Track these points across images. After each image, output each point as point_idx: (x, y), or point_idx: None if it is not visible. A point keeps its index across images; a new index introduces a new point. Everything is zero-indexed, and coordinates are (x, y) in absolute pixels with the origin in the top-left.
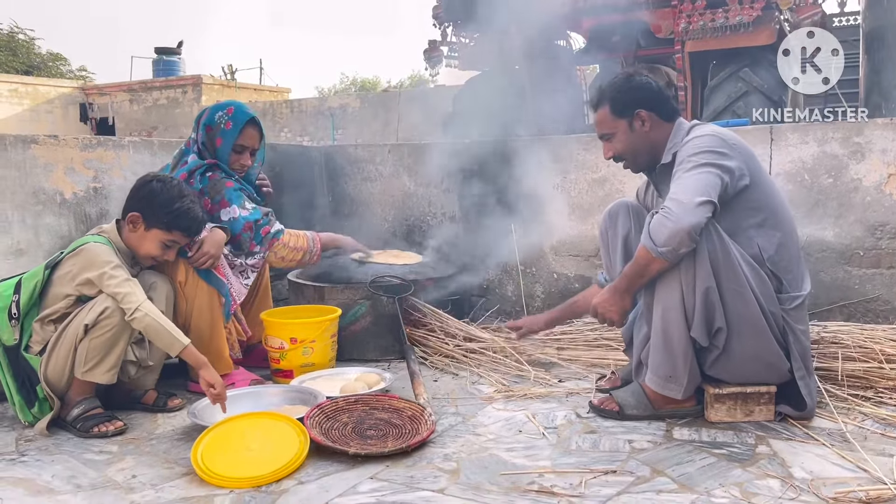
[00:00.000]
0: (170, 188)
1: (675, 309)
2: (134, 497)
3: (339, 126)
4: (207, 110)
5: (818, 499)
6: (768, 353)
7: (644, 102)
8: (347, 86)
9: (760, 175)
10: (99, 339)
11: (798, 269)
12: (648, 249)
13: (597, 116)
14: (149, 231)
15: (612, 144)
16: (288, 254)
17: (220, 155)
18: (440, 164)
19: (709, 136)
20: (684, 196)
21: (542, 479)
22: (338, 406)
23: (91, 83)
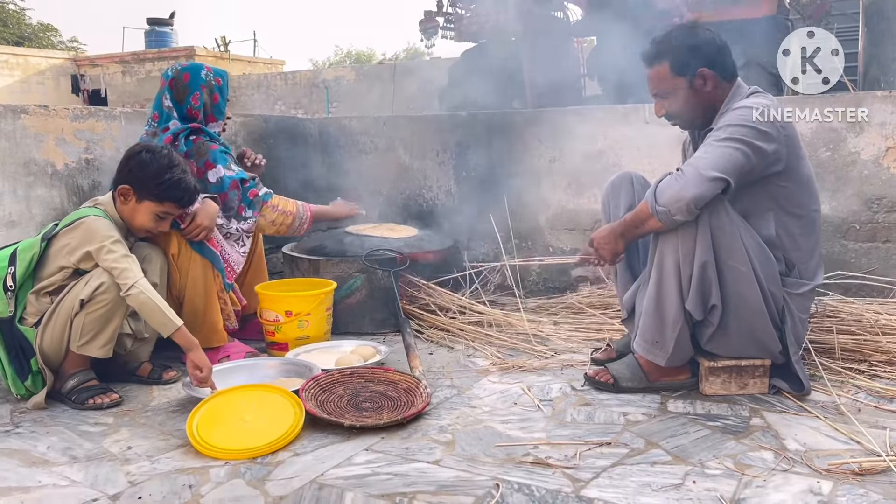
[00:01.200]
0: (159, 158)
1: (670, 276)
2: (130, 468)
3: (334, 99)
4: (185, 73)
5: (811, 470)
6: (763, 334)
7: (708, 60)
8: (342, 58)
9: (798, 163)
10: (95, 314)
11: (813, 259)
12: (648, 204)
13: (652, 72)
14: (140, 203)
15: (666, 102)
16: (278, 217)
17: (219, 110)
18: (436, 136)
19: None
20: (702, 166)
21: (537, 451)
22: (333, 378)
23: (83, 54)
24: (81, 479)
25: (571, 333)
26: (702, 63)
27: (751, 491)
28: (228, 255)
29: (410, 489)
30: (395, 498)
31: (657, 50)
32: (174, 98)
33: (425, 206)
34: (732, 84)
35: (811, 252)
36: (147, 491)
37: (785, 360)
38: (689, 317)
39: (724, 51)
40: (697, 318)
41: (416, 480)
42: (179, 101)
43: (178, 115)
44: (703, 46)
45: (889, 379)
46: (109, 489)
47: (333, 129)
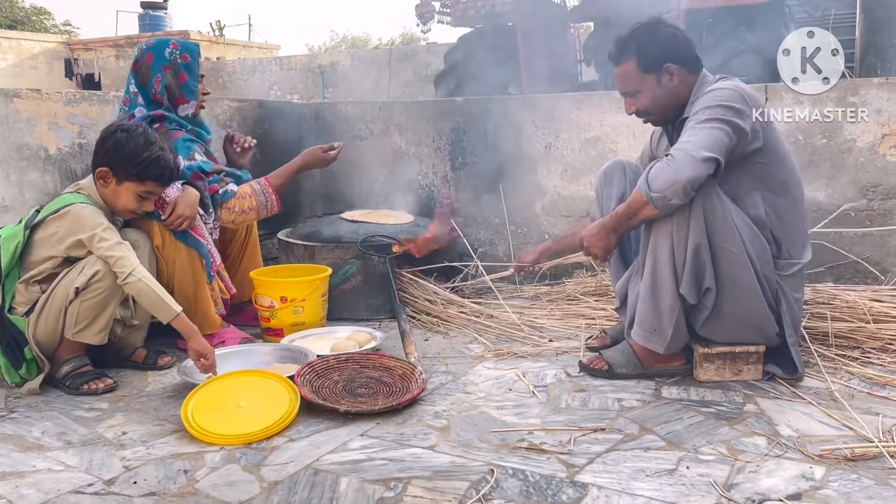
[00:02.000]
0: (136, 136)
1: (665, 263)
2: (124, 453)
3: (330, 84)
4: (149, 54)
5: (804, 456)
6: (759, 317)
7: (673, 55)
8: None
9: (776, 138)
10: (90, 302)
11: (799, 236)
12: (643, 193)
13: (619, 72)
14: (121, 185)
15: (636, 100)
16: (238, 217)
17: (189, 90)
18: (431, 122)
19: (730, 90)
20: (692, 147)
21: (532, 437)
22: (328, 364)
23: (76, 38)
24: (76, 464)
25: (566, 321)
26: (668, 58)
27: (744, 476)
28: (209, 244)
29: (405, 474)
30: (389, 483)
31: (623, 49)
32: (139, 82)
33: (421, 191)
34: (698, 76)
35: (798, 229)
36: (142, 476)
37: (781, 343)
38: (684, 302)
39: (688, 44)
40: (692, 302)
41: (411, 466)
42: (143, 84)
43: (143, 99)
44: (668, 42)
45: (882, 366)
46: (104, 474)
47: (329, 115)
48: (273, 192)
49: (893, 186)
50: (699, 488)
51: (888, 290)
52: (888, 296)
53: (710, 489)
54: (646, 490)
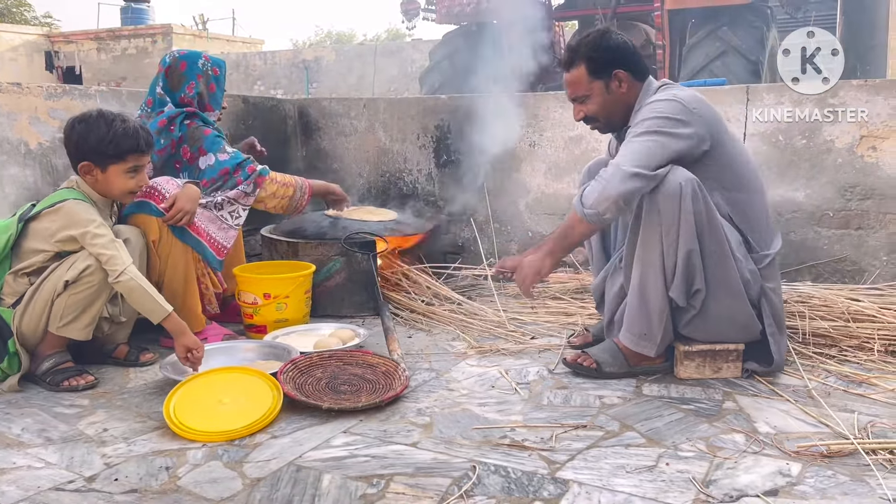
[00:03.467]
0: (94, 122)
1: (654, 267)
2: (105, 450)
3: (314, 79)
4: (183, 62)
5: (781, 452)
6: (742, 315)
7: (621, 62)
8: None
9: (724, 137)
10: (78, 296)
11: (765, 228)
12: (576, 210)
13: (569, 77)
14: (106, 171)
15: (585, 106)
16: (279, 189)
17: (216, 101)
18: (416, 119)
19: (666, 102)
20: (622, 163)
21: (514, 434)
22: (311, 361)
23: (57, 31)
24: (56, 461)
25: (548, 319)
26: (616, 64)
27: (722, 472)
28: (213, 234)
29: (388, 471)
30: (372, 479)
31: (573, 55)
32: (168, 86)
33: (405, 189)
34: (643, 84)
35: (762, 221)
36: (123, 473)
37: (763, 336)
38: (672, 303)
39: (635, 53)
40: (681, 305)
41: (394, 462)
42: (173, 88)
43: (171, 102)
44: (617, 49)
45: (858, 364)
46: (85, 471)
47: (313, 111)
48: (307, 184)
49: (870, 187)
50: (678, 484)
51: (865, 290)
52: (865, 295)
53: (689, 485)
54: (626, 486)
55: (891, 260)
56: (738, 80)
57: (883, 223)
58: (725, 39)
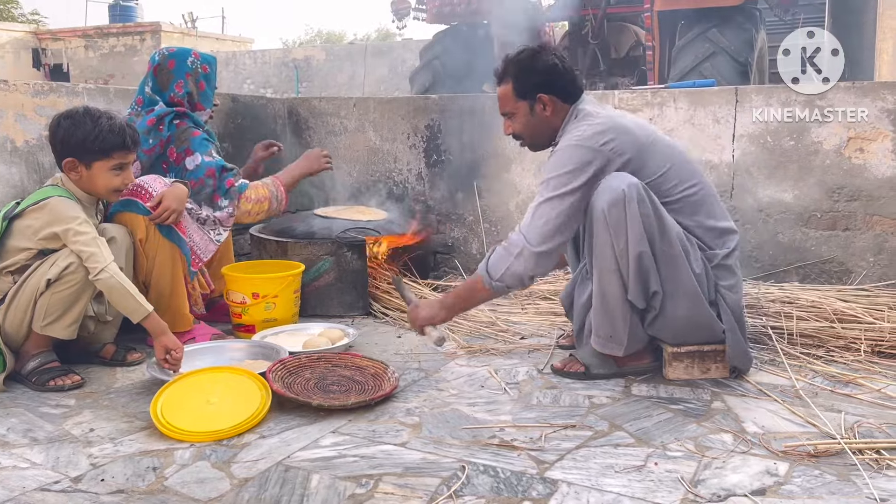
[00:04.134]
0: (80, 118)
1: (610, 273)
2: (92, 450)
3: (304, 78)
4: (171, 60)
5: (769, 452)
6: (701, 316)
7: (547, 86)
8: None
9: (645, 160)
10: (61, 294)
11: (712, 228)
12: (482, 279)
13: (499, 92)
14: (91, 168)
15: (512, 123)
16: (254, 207)
17: (206, 98)
18: (406, 119)
19: (570, 147)
20: (532, 240)
21: (503, 434)
22: (300, 362)
23: (44, 28)
24: (42, 462)
25: (538, 319)
26: (541, 88)
27: (710, 472)
28: (195, 242)
29: (377, 471)
30: (361, 480)
31: (503, 71)
32: (157, 84)
33: (395, 188)
34: (570, 106)
35: (705, 223)
36: (110, 473)
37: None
38: (634, 307)
39: (565, 75)
40: (640, 307)
41: (383, 462)
42: (162, 87)
43: (161, 101)
44: (545, 71)
45: (845, 364)
46: (71, 471)
47: (303, 110)
48: (282, 185)
49: (858, 188)
50: (666, 484)
51: (852, 290)
52: (852, 296)
53: (678, 485)
54: (615, 486)
55: (878, 261)
56: (727, 82)
57: (870, 224)
58: (715, 41)
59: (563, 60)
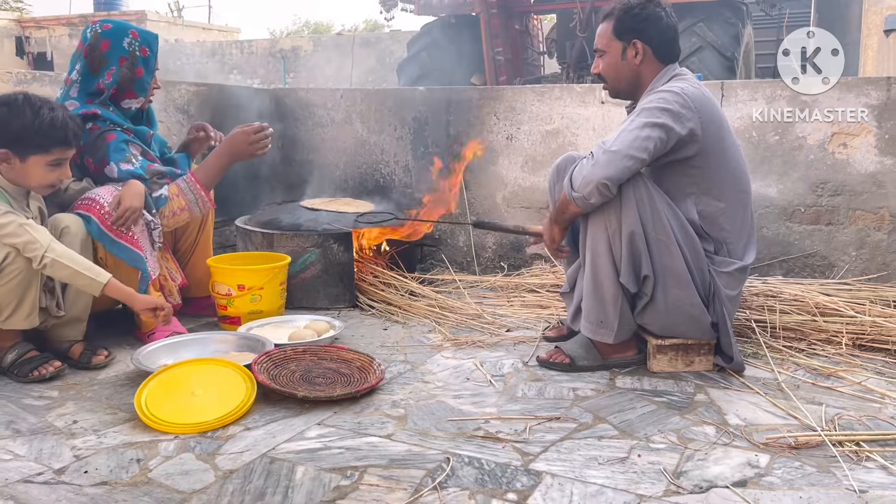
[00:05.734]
0: (20, 107)
1: (603, 255)
2: (75, 442)
3: (291, 69)
4: (105, 41)
5: (750, 444)
6: (691, 307)
7: (644, 34)
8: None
9: (717, 144)
10: (7, 287)
11: (741, 238)
12: (566, 191)
13: (601, 27)
14: (26, 161)
15: (601, 61)
16: (169, 221)
17: (141, 86)
18: (393, 111)
19: (672, 93)
20: (613, 146)
21: (488, 426)
22: (286, 355)
23: (28, 16)
24: (25, 453)
25: (524, 311)
26: (639, 34)
27: (692, 464)
28: (147, 259)
29: (362, 463)
30: (346, 471)
31: (611, 9)
32: (86, 67)
33: (382, 180)
34: (665, 66)
35: (738, 233)
36: (93, 465)
37: (717, 336)
38: (626, 291)
39: (668, 33)
40: (632, 291)
41: (368, 454)
42: (92, 71)
43: (81, 88)
44: (648, 20)
45: (827, 357)
46: (54, 463)
47: (289, 101)
48: (202, 189)
49: (841, 183)
50: (649, 476)
51: (834, 284)
52: (834, 289)
53: (660, 476)
54: (598, 478)
55: (860, 255)
56: (714, 76)
57: (852, 219)
58: (701, 35)
59: (671, 18)
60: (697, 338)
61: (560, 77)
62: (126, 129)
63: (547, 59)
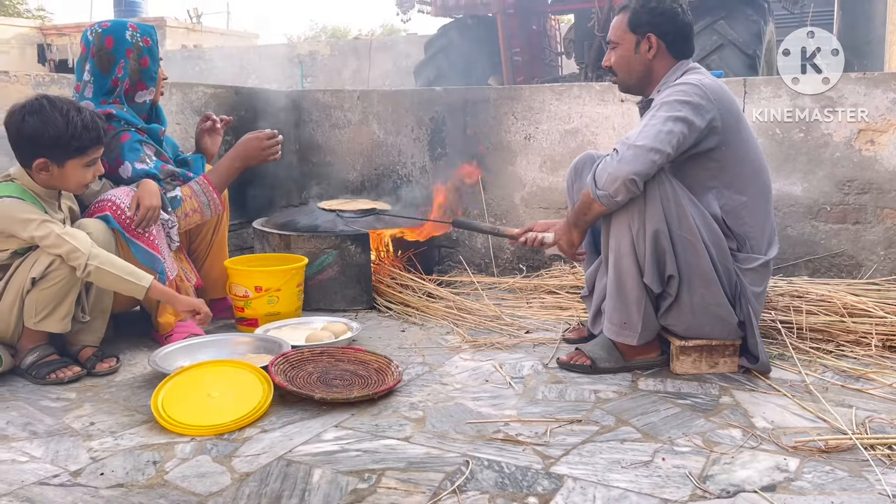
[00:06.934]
0: (51, 116)
1: (627, 255)
2: (92, 444)
3: (309, 74)
4: (108, 38)
5: (778, 448)
6: (717, 306)
7: (659, 28)
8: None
9: (737, 136)
10: (49, 290)
11: (763, 233)
12: (589, 190)
13: (616, 19)
14: (64, 166)
15: (612, 53)
16: (181, 222)
17: (149, 76)
18: (410, 112)
19: (691, 86)
20: (637, 140)
21: (508, 428)
22: (303, 356)
23: (49, 23)
24: (41, 455)
25: (543, 312)
26: (654, 28)
27: (719, 468)
28: (164, 260)
29: (379, 466)
30: (363, 475)
31: (627, 1)
32: (97, 67)
33: (399, 181)
34: (678, 62)
35: (761, 227)
36: (109, 467)
37: (743, 335)
38: (650, 292)
39: (683, 29)
40: (656, 291)
41: (386, 457)
42: (103, 70)
43: (97, 88)
44: (664, 14)
45: (856, 359)
46: (71, 465)
47: (306, 103)
48: (214, 191)
49: (868, 181)
50: (674, 480)
51: (863, 284)
52: (863, 290)
53: (686, 480)
54: (621, 482)
55: (888, 255)
56: (735, 74)
57: (880, 218)
58: (722, 33)
59: (687, 15)
60: (724, 338)
61: (578, 77)
62: (140, 129)
63: (565, 60)
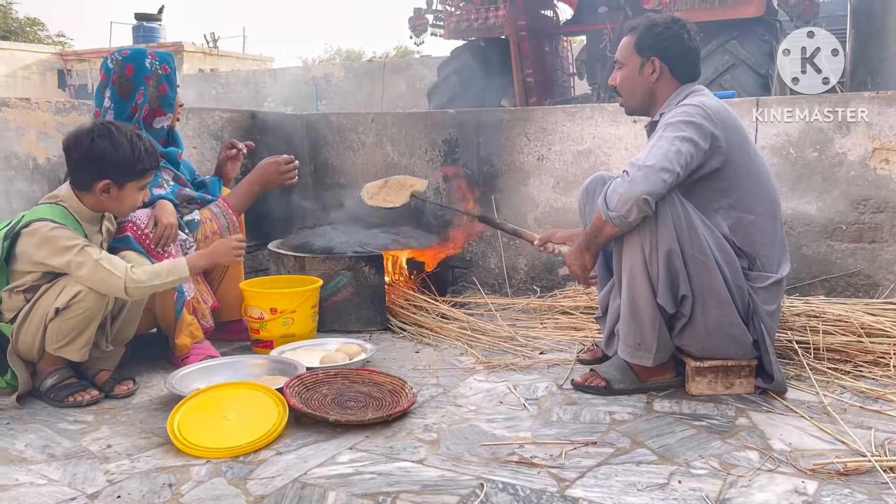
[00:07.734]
0: (118, 139)
1: (640, 276)
2: (109, 466)
3: (323, 96)
4: (129, 66)
5: (796, 470)
6: (730, 326)
7: (664, 53)
8: (332, 55)
9: (742, 155)
10: (70, 321)
11: (773, 251)
12: (601, 212)
13: (624, 40)
14: (123, 189)
15: (619, 73)
16: (201, 245)
17: (167, 102)
18: (424, 134)
19: (694, 107)
20: (647, 161)
21: (523, 450)
22: (317, 378)
23: (69, 49)
24: (59, 478)
25: (558, 333)
26: (658, 52)
27: (736, 490)
28: None
29: (394, 488)
30: (378, 497)
31: (636, 23)
32: (117, 94)
33: (413, 203)
34: (681, 85)
35: (771, 245)
36: (126, 490)
37: (758, 355)
38: (664, 312)
39: (688, 55)
40: (670, 312)
41: (400, 480)
42: (123, 97)
43: (117, 114)
44: (669, 39)
45: (874, 379)
46: (88, 488)
47: (321, 126)
48: (234, 213)
49: (884, 199)
50: (691, 503)
51: (880, 304)
52: (880, 309)
53: (703, 503)
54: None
55: None
56: (748, 94)
57: None
58: (734, 53)
59: (693, 41)
60: (739, 358)
61: (590, 98)
62: (159, 154)
63: (577, 81)
